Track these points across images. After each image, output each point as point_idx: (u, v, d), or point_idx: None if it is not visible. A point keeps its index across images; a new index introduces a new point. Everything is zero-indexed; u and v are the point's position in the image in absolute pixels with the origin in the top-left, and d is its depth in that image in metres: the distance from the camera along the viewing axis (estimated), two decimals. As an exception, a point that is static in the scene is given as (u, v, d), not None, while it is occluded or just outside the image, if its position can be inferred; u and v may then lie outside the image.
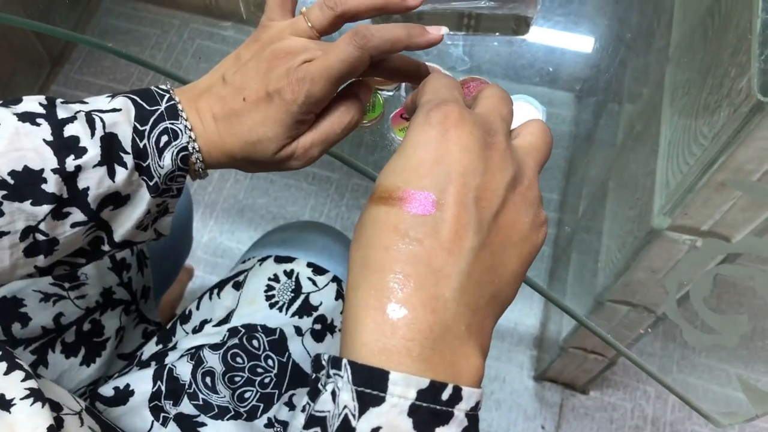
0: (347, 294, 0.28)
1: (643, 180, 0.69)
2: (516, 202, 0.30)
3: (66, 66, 1.43)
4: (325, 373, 0.27)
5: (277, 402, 0.53)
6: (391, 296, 0.26)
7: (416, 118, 0.30)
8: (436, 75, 0.35)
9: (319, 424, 0.26)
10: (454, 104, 0.30)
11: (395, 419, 0.25)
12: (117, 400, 0.51)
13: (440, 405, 0.25)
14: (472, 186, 0.28)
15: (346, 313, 0.28)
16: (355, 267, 0.28)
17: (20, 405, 0.33)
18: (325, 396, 0.26)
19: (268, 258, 0.60)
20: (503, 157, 0.29)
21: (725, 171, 0.51)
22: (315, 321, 0.56)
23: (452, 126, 0.29)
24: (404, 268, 0.27)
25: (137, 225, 0.40)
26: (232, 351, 0.53)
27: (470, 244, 0.27)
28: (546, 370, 1.09)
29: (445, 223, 0.27)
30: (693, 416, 1.10)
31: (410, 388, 0.25)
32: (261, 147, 0.39)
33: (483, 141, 0.29)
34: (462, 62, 0.55)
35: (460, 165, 0.28)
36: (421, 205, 0.27)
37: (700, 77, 0.58)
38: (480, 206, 0.28)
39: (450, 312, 0.27)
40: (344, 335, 0.28)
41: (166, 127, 0.39)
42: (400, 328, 0.26)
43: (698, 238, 0.60)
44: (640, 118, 0.76)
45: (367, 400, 0.25)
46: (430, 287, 0.26)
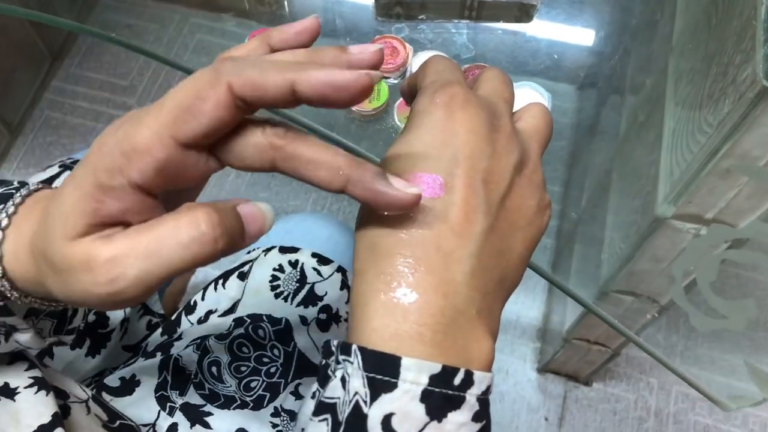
0: (354, 279, 0.28)
1: (646, 170, 0.69)
2: (522, 185, 0.29)
3: (66, 61, 1.43)
4: (335, 359, 0.27)
5: (283, 391, 0.53)
6: (402, 280, 0.26)
7: (420, 100, 0.30)
8: (438, 57, 0.34)
9: (329, 410, 0.26)
10: (459, 86, 0.29)
11: (408, 405, 0.24)
12: (123, 390, 0.51)
13: (452, 390, 0.25)
14: (479, 169, 0.28)
15: (354, 298, 0.27)
16: (362, 252, 0.28)
17: (24, 393, 0.33)
18: (334, 382, 0.26)
19: (273, 248, 0.60)
20: (509, 139, 0.29)
21: (730, 158, 0.51)
22: (320, 311, 0.57)
23: (458, 108, 0.28)
24: (414, 251, 0.26)
25: None
26: (238, 341, 0.53)
27: (479, 227, 0.27)
28: (549, 362, 1.09)
29: (454, 206, 0.27)
30: (696, 407, 1.10)
31: (422, 373, 0.25)
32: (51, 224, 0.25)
33: (489, 123, 0.29)
34: (466, 50, 0.55)
35: (467, 147, 0.28)
36: (429, 188, 0.27)
37: (705, 65, 0.58)
38: (488, 189, 0.28)
39: (461, 296, 0.26)
40: (353, 321, 0.27)
41: None
42: (411, 313, 0.25)
43: (702, 227, 0.60)
44: (643, 108, 0.76)
45: (379, 386, 0.25)
46: (440, 271, 0.26)
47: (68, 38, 1.45)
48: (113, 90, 1.41)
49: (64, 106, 1.38)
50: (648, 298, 0.78)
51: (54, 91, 1.40)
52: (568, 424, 1.09)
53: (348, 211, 1.26)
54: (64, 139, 1.36)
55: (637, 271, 0.72)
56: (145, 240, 0.24)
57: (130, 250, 0.24)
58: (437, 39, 0.57)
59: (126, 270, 0.23)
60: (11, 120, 1.35)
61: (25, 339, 0.32)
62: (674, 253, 0.65)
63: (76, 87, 1.41)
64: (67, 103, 1.39)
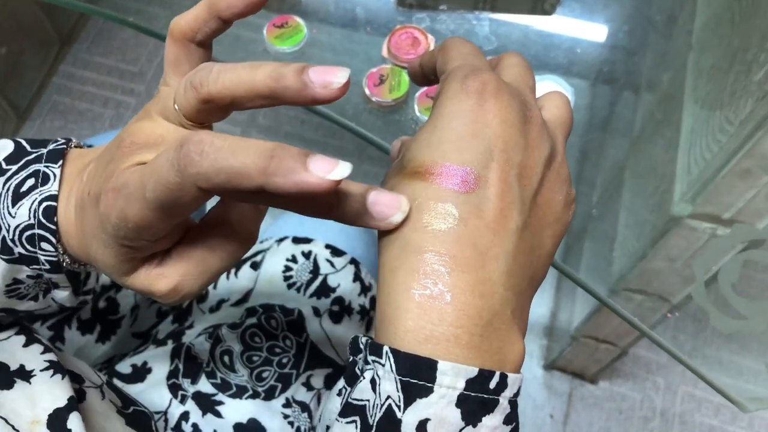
0: (383, 276, 0.27)
1: (662, 168, 0.68)
2: (551, 179, 0.28)
3: (75, 46, 1.42)
4: (363, 359, 0.26)
5: (294, 382, 0.52)
6: (437, 279, 0.25)
7: (449, 86, 0.28)
8: (459, 39, 0.32)
9: (358, 413, 0.25)
10: (489, 73, 0.28)
11: (444, 410, 0.24)
12: (135, 377, 0.51)
13: (488, 394, 0.24)
14: (514, 162, 0.26)
15: (384, 296, 0.26)
16: (391, 248, 0.26)
17: (40, 376, 0.33)
18: (363, 384, 0.25)
19: (286, 239, 0.60)
20: (540, 132, 0.28)
21: (751, 158, 0.51)
22: (333, 302, 0.56)
23: (491, 97, 0.27)
24: (449, 249, 0.25)
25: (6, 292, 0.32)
26: (251, 330, 0.53)
27: (515, 224, 0.26)
28: (556, 360, 1.09)
29: (490, 201, 0.26)
30: (702, 408, 1.10)
31: (459, 378, 0.24)
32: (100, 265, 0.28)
33: (522, 114, 0.27)
34: (488, 42, 0.55)
35: (501, 140, 0.26)
36: (464, 181, 0.26)
37: (726, 63, 0.57)
38: (522, 184, 0.27)
39: (497, 296, 0.25)
40: (382, 320, 0.26)
41: (38, 170, 0.29)
42: (448, 315, 0.24)
43: (719, 226, 0.59)
44: (660, 106, 0.76)
45: (414, 391, 0.24)
46: (477, 270, 0.25)
47: (78, 22, 1.44)
48: (122, 76, 1.40)
49: (72, 91, 1.38)
50: (659, 297, 0.78)
51: (62, 76, 1.40)
52: (573, 422, 1.09)
53: (356, 204, 1.26)
54: (72, 124, 1.36)
55: (650, 269, 0.72)
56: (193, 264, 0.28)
57: (186, 276, 0.27)
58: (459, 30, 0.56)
59: (188, 290, 0.28)
60: (19, 104, 1.34)
61: (62, 296, 0.33)
62: (689, 253, 0.65)
63: (85, 72, 1.40)
64: (76, 88, 1.38)
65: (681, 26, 0.72)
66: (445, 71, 0.30)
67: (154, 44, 1.42)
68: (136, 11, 0.93)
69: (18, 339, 0.35)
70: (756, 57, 0.51)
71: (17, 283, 0.31)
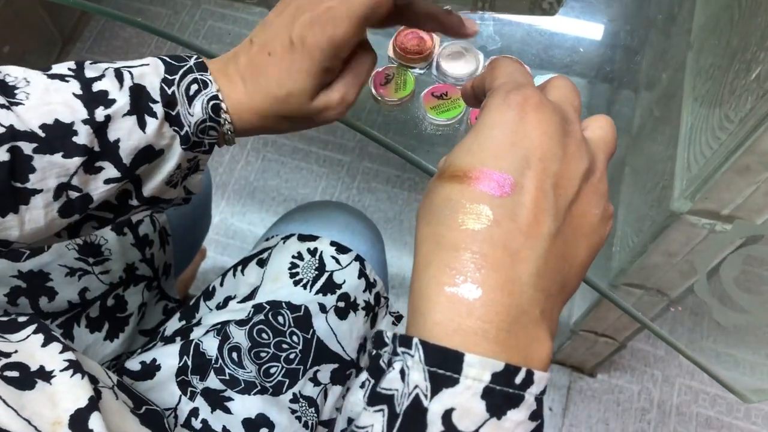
0: (416, 271, 0.28)
1: (662, 165, 0.69)
2: (588, 193, 0.29)
3: (77, 45, 1.43)
4: (390, 351, 0.27)
5: (302, 378, 0.53)
6: (468, 276, 0.26)
7: (493, 99, 0.30)
8: (508, 59, 0.34)
9: (386, 401, 0.26)
10: (532, 88, 0.29)
11: (469, 401, 0.25)
12: (144, 375, 0.52)
13: (513, 388, 0.25)
14: (551, 172, 0.28)
15: (416, 290, 0.27)
16: (426, 245, 0.28)
17: (60, 376, 0.33)
18: (392, 374, 0.26)
19: (292, 236, 0.60)
20: (579, 146, 0.29)
21: (751, 155, 0.51)
22: (338, 299, 0.57)
23: (532, 110, 0.28)
24: (481, 248, 0.26)
25: (167, 180, 0.41)
26: (258, 327, 0.54)
27: (547, 229, 0.27)
28: (555, 353, 1.10)
29: (524, 206, 0.27)
30: (699, 399, 1.11)
31: (485, 370, 0.25)
32: (292, 101, 0.40)
33: (561, 128, 0.29)
34: (492, 42, 0.55)
35: (540, 150, 0.28)
36: (500, 186, 0.27)
37: (726, 62, 0.58)
38: (557, 193, 0.28)
39: (526, 296, 0.26)
40: (413, 313, 0.27)
41: (196, 78, 0.40)
42: (476, 309, 0.26)
43: (717, 222, 0.60)
44: (659, 104, 0.76)
45: (441, 381, 0.25)
46: (507, 269, 0.26)
47: (79, 22, 1.44)
48: (122, 74, 1.40)
49: (73, 89, 1.38)
50: (658, 291, 0.79)
51: (63, 75, 1.40)
52: (572, 414, 1.10)
53: (357, 200, 1.27)
54: (73, 123, 1.36)
55: (649, 264, 0.73)
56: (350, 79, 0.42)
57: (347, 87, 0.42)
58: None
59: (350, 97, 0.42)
60: (20, 102, 1.35)
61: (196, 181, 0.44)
62: (688, 248, 0.66)
63: (85, 70, 1.40)
64: (76, 86, 1.38)
65: (680, 25, 0.73)
66: (491, 88, 0.32)
67: (156, 43, 1.42)
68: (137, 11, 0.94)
69: (36, 338, 0.35)
70: (755, 55, 0.52)
71: (177, 168, 0.40)
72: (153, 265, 0.62)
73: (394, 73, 0.54)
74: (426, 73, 0.54)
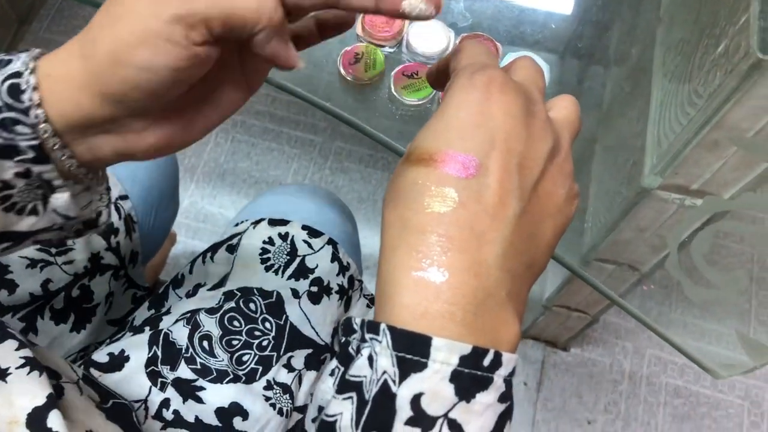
0: (383, 255, 0.28)
1: (632, 141, 0.69)
2: (554, 172, 0.29)
3: (34, 25, 1.37)
4: (358, 337, 0.27)
5: (275, 364, 0.53)
6: (434, 259, 0.26)
7: (458, 80, 0.30)
8: (473, 41, 0.34)
9: (355, 389, 0.26)
10: (497, 69, 0.29)
11: (437, 385, 0.25)
12: (112, 366, 0.51)
13: (481, 371, 0.25)
14: (516, 152, 0.28)
15: (383, 275, 0.27)
16: (392, 228, 0.28)
17: (16, 374, 0.32)
18: (360, 361, 0.26)
19: (262, 221, 0.59)
20: (544, 126, 0.29)
21: (720, 130, 0.52)
22: (311, 283, 0.56)
23: (496, 90, 0.28)
24: (448, 230, 0.26)
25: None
26: (229, 314, 0.53)
27: (513, 210, 0.27)
28: (529, 328, 1.11)
29: (489, 188, 0.27)
30: (668, 369, 1.14)
31: (453, 353, 0.25)
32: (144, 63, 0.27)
33: (526, 108, 0.29)
34: (463, 18, 0.54)
35: (504, 130, 0.28)
36: (465, 168, 0.27)
37: (695, 37, 0.58)
38: (522, 174, 0.28)
39: (492, 277, 0.26)
40: (380, 298, 0.27)
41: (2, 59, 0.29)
42: (443, 293, 0.25)
43: (687, 197, 0.61)
44: (629, 80, 0.76)
45: (409, 365, 0.25)
46: (473, 251, 0.26)
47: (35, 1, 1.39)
48: (83, 55, 1.36)
49: (31, 71, 1.33)
50: (629, 267, 0.80)
51: (20, 56, 1.35)
52: (546, 388, 1.12)
53: (330, 181, 1.25)
54: (33, 106, 1.31)
55: (620, 240, 0.73)
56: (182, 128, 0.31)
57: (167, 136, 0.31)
58: (432, 7, 0.55)
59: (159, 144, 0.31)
60: (-24, 86, 1.30)
61: (63, 202, 0.32)
62: (658, 223, 0.66)
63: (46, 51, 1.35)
64: (35, 68, 1.34)
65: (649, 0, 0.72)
66: (456, 69, 0.31)
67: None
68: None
69: None
70: (724, 30, 0.52)
71: (7, 188, 0.29)
72: (119, 254, 0.61)
73: (363, 52, 0.53)
74: (396, 51, 0.53)
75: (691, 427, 1.10)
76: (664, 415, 1.11)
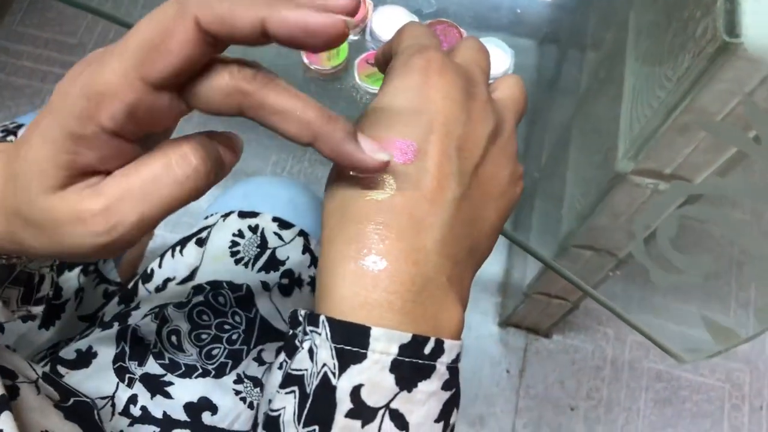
0: (322, 246, 0.27)
1: (607, 126, 0.69)
2: (496, 154, 0.29)
3: (7, 18, 1.35)
4: (302, 330, 0.26)
5: (245, 358, 0.52)
6: (372, 247, 0.25)
7: (396, 64, 0.29)
8: (413, 23, 0.33)
9: (297, 382, 0.25)
10: (436, 51, 0.29)
11: (377, 375, 0.24)
12: (79, 363, 0.50)
13: (422, 359, 0.25)
14: (454, 136, 0.27)
15: (322, 266, 0.27)
16: (331, 218, 0.27)
17: None
18: (301, 354, 0.25)
19: (232, 213, 0.59)
20: (485, 108, 0.29)
21: (689, 113, 0.51)
22: (282, 276, 0.56)
23: (435, 73, 0.28)
24: (385, 218, 0.26)
25: None
26: (198, 309, 0.52)
27: (452, 195, 0.27)
28: (510, 316, 1.11)
29: (427, 172, 0.26)
30: (650, 354, 1.14)
31: (392, 343, 0.24)
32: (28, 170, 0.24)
33: (465, 90, 0.28)
34: (428, 4, 0.53)
35: (442, 114, 0.27)
36: (403, 153, 0.26)
37: (665, 20, 0.57)
38: (462, 157, 0.27)
39: (432, 263, 0.26)
40: (320, 289, 0.26)
41: None
42: (381, 281, 0.25)
43: (660, 182, 0.61)
44: (604, 64, 0.76)
45: (348, 357, 0.24)
46: (411, 238, 0.26)
47: (5, -8, 1.37)
48: (60, 49, 1.34)
49: (6, 66, 1.31)
50: (607, 252, 0.80)
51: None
52: (529, 375, 1.12)
53: (309, 173, 1.25)
54: (9, 102, 1.29)
55: (596, 226, 0.73)
56: (138, 182, 0.23)
57: (124, 195, 0.23)
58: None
59: (124, 217, 0.23)
60: (-52, 81, 1.27)
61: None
62: (633, 208, 0.66)
63: (20, 46, 1.33)
64: (11, 63, 1.32)
65: (622, -18, 0.72)
66: (396, 52, 0.31)
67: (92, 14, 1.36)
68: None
69: None
70: (692, 13, 0.52)
71: None
72: (88, 249, 0.60)
73: (326, 40, 0.52)
74: (360, 39, 0.52)
75: (672, 411, 1.11)
76: (646, 399, 1.11)
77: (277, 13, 0.22)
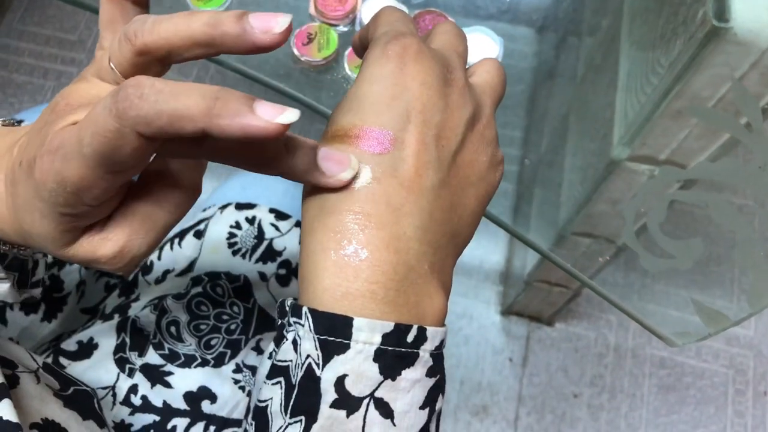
0: (303, 238, 0.27)
1: (602, 112, 0.69)
2: (474, 141, 0.29)
3: (8, 16, 1.36)
4: (288, 321, 0.26)
5: (244, 347, 0.53)
6: (352, 238, 0.25)
7: (372, 52, 0.29)
8: (390, 8, 0.33)
9: (282, 374, 0.26)
10: (411, 37, 0.28)
11: (361, 365, 0.24)
12: (80, 354, 0.51)
13: (405, 347, 0.25)
14: (432, 124, 0.27)
15: (304, 258, 0.27)
16: (310, 210, 0.27)
17: None
18: (286, 345, 0.26)
19: (229, 205, 0.59)
20: (462, 94, 0.29)
21: (682, 99, 0.51)
22: (279, 266, 0.56)
23: (411, 60, 0.27)
24: (363, 207, 0.26)
25: None
26: (197, 299, 0.53)
27: (430, 182, 0.27)
28: (512, 305, 1.12)
29: (405, 161, 0.26)
30: (653, 341, 1.14)
31: (375, 333, 0.24)
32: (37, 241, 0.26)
33: (442, 77, 0.28)
34: (416, -7, 0.54)
35: (420, 102, 0.27)
36: (379, 143, 0.26)
37: (657, 5, 0.57)
38: (440, 144, 0.27)
39: (412, 251, 0.26)
40: (303, 281, 0.27)
41: None
42: (363, 271, 0.25)
43: (656, 168, 0.61)
44: (600, 51, 0.76)
45: (331, 348, 0.24)
46: (391, 226, 0.26)
47: (6, -10, 1.37)
48: (61, 45, 1.34)
49: (8, 63, 1.32)
50: (605, 240, 0.80)
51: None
52: (532, 363, 1.13)
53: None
54: (11, 98, 1.30)
55: (594, 213, 0.73)
56: (139, 221, 0.26)
57: (131, 235, 0.26)
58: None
59: (137, 251, 0.27)
60: (-49, 79, 1.28)
61: (3, 290, 0.33)
62: (629, 195, 0.66)
63: (21, 43, 1.34)
64: (12, 60, 1.33)
65: (616, -32, 0.72)
66: (372, 39, 0.30)
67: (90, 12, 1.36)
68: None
69: None
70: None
71: None
72: (89, 242, 0.61)
73: (316, 32, 0.52)
74: (350, 30, 0.52)
75: (676, 397, 1.11)
76: (650, 386, 1.12)
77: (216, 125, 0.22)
